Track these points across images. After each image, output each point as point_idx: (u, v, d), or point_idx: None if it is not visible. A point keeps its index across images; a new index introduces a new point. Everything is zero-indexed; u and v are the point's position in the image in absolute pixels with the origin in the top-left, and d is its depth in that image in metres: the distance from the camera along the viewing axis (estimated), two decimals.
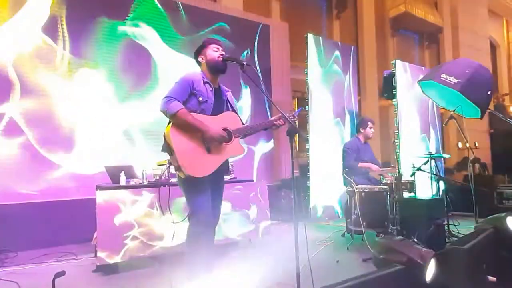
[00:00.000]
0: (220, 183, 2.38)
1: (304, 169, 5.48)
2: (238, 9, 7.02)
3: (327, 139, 5.28)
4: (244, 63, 2.19)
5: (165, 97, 2.12)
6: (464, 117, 4.33)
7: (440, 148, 6.12)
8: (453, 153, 14.04)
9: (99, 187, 3.00)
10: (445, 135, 14.09)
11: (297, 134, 2.20)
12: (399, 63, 5.23)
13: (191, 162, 2.07)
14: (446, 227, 3.59)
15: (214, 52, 2.29)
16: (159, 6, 5.01)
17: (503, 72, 18.73)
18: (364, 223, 3.37)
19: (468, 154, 13.84)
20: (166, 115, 2.12)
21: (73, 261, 3.28)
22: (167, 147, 2.12)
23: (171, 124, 2.11)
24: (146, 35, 4.82)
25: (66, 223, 3.84)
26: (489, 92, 3.93)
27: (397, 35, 12.15)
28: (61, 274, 1.87)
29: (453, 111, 3.81)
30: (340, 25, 10.21)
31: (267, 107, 6.35)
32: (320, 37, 5.78)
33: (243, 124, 2.37)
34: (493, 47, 18.35)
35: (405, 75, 5.29)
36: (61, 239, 3.81)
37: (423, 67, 6.29)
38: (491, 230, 2.27)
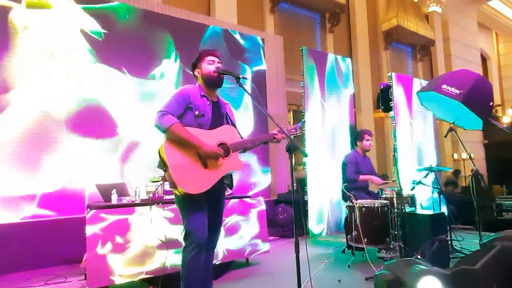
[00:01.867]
0: (219, 200, 2.27)
1: (301, 183, 5.38)
2: (232, 23, 7.04)
3: (323, 152, 5.19)
4: (240, 76, 2.12)
5: (159, 111, 2.03)
6: (465, 129, 4.28)
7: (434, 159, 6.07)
8: (449, 164, 14.08)
9: (89, 206, 2.87)
10: (440, 146, 14.14)
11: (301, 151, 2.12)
12: (394, 76, 5.20)
13: (186, 178, 1.96)
14: (449, 243, 3.49)
15: (209, 66, 2.21)
16: None
17: (494, 84, 19.01)
18: (365, 240, 3.26)
19: (464, 166, 13.82)
20: (159, 130, 2.02)
21: (62, 284, 3.12)
22: (162, 163, 2.03)
23: (165, 139, 2.02)
24: None
25: (54, 243, 3.68)
26: (491, 103, 3.90)
27: (390, 48, 12.29)
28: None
29: (452, 123, 3.75)
30: (333, 39, 10.29)
31: (268, 119, 6.30)
32: (315, 50, 5.78)
33: (241, 138, 2.29)
34: (484, 59, 18.67)
35: (398, 88, 5.26)
36: (48, 260, 3.64)
37: (420, 79, 6.29)
38: (499, 248, 2.17)
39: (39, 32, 4.06)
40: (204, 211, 2.08)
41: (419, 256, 2.87)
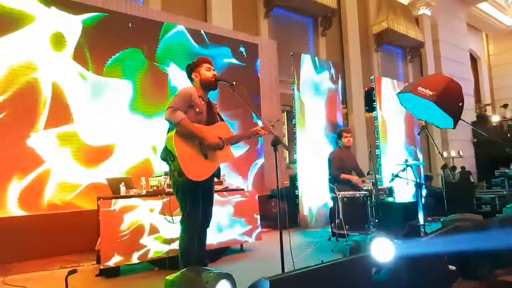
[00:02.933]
0: (211, 186, 2.63)
1: (294, 179, 5.76)
2: (228, 28, 7.42)
3: (313, 149, 5.58)
4: (234, 83, 2.51)
5: (169, 107, 2.34)
6: (439, 128, 4.68)
7: (421, 156, 6.47)
8: (439, 162, 14.51)
9: (101, 198, 3.25)
10: (430, 144, 14.59)
11: (283, 145, 2.52)
12: (383, 79, 5.60)
13: (192, 168, 2.30)
14: (422, 228, 3.89)
15: (207, 72, 2.58)
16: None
17: (485, 84, 19.50)
18: (347, 227, 3.66)
19: (453, 163, 14.20)
20: (170, 123, 2.34)
21: (77, 268, 3.48)
22: (169, 154, 2.33)
23: (174, 132, 2.31)
24: None
25: (67, 234, 4.04)
26: (460, 104, 4.30)
27: (380, 50, 12.71)
28: (73, 271, 2.11)
29: (425, 121, 4.15)
30: (326, 42, 10.69)
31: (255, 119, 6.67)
32: (305, 55, 6.16)
33: (233, 133, 2.68)
34: (474, 60, 19.15)
35: (387, 90, 5.66)
36: (62, 249, 4.01)
37: (401, 82, 6.69)
38: (453, 226, 2.58)
39: None
40: (199, 199, 2.44)
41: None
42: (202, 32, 6.25)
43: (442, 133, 14.72)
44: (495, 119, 16.66)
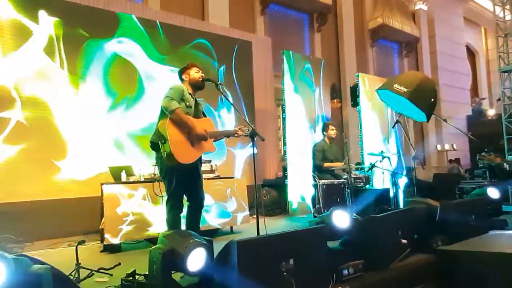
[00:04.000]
0: (198, 173, 2.98)
1: (283, 170, 6.14)
2: (224, 26, 7.75)
3: (300, 142, 5.94)
4: (218, 83, 2.90)
5: (166, 96, 2.71)
6: (416, 121, 5.02)
7: (401, 148, 6.80)
8: (433, 154, 14.85)
9: (104, 183, 3.66)
10: (425, 138, 14.92)
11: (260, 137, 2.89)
12: (368, 76, 5.91)
13: (180, 151, 2.65)
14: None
15: (196, 74, 2.97)
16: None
17: (483, 78, 19.67)
18: (325, 211, 4.05)
19: (446, 156, 14.45)
20: (166, 111, 2.68)
21: (83, 246, 3.91)
22: (160, 137, 2.65)
23: (168, 118, 2.66)
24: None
25: (72, 218, 4.46)
26: (432, 100, 4.64)
27: (376, 45, 12.97)
28: (82, 242, 2.52)
29: (399, 115, 4.50)
30: (321, 38, 10.98)
31: (246, 115, 7.04)
32: (296, 53, 6.49)
33: (215, 129, 3.06)
34: (472, 54, 19.33)
35: (364, 86, 6.00)
36: (67, 231, 4.42)
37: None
38: (409, 207, 2.97)
39: None
40: (183, 182, 2.78)
41: None
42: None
43: (437, 126, 15.03)
44: (491, 112, 16.90)
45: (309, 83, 6.32)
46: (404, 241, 2.72)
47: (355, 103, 5.55)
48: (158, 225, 3.71)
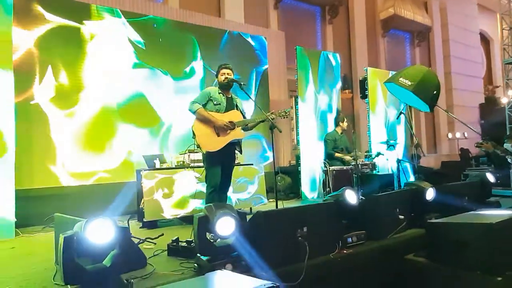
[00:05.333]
0: (231, 161, 3.54)
1: (297, 158, 6.61)
2: (240, 22, 8.17)
3: (313, 132, 6.37)
4: (241, 83, 3.39)
5: (191, 101, 3.41)
6: (420, 111, 5.33)
7: (410, 138, 7.15)
8: (444, 143, 15.04)
9: (141, 170, 4.22)
10: (436, 126, 15.11)
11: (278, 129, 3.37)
12: (376, 70, 6.24)
13: (205, 142, 3.28)
14: None
15: (221, 76, 3.51)
16: None
17: (497, 66, 19.49)
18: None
19: (457, 144, 14.63)
20: (191, 112, 3.36)
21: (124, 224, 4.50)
22: (192, 133, 3.33)
23: (195, 118, 3.34)
24: None
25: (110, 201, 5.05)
26: (435, 92, 4.97)
27: (387, 35, 13.14)
28: (133, 217, 3.07)
29: (403, 107, 4.89)
30: (333, 29, 11.27)
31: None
32: (309, 49, 6.87)
33: (244, 118, 3.55)
34: (487, 42, 19.17)
35: (374, 80, 6.36)
36: (111, 212, 5.03)
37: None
38: (406, 189, 3.42)
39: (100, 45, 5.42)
40: (218, 165, 3.36)
41: None
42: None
43: (449, 115, 15.18)
44: (504, 100, 16.88)
45: (321, 76, 6.70)
46: (401, 217, 3.19)
47: (364, 95, 5.94)
48: (188, 204, 4.26)
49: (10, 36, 4.11)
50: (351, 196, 2.97)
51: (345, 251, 2.70)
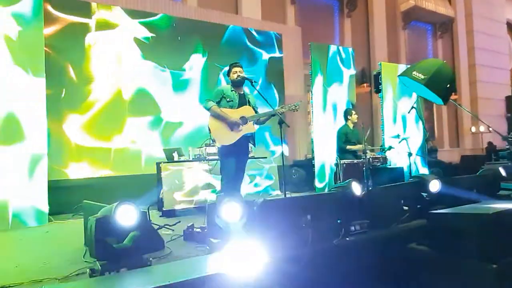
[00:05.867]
0: (245, 154, 3.74)
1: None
2: (257, 19, 8.33)
3: (325, 126, 6.49)
4: (253, 81, 3.58)
5: (205, 99, 3.67)
6: (435, 103, 5.23)
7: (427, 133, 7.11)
8: (467, 137, 14.68)
9: (161, 162, 4.52)
10: (459, 120, 14.75)
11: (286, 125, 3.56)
12: (390, 64, 6.27)
13: (219, 136, 3.52)
14: None
15: (234, 75, 3.71)
16: None
17: None
18: None
19: (482, 138, 14.25)
20: (205, 109, 3.59)
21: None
22: (208, 129, 3.57)
23: (209, 115, 3.58)
24: None
25: (133, 191, 5.40)
26: (448, 86, 4.95)
27: (408, 27, 12.89)
28: (153, 203, 3.35)
29: (414, 104, 4.93)
30: (351, 23, 11.22)
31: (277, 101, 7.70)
32: (323, 44, 6.96)
33: (256, 113, 3.76)
34: None
35: (387, 74, 6.38)
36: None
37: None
38: (411, 181, 3.54)
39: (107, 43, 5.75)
40: (232, 158, 3.57)
41: None
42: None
43: (473, 108, 14.78)
44: None
45: (336, 72, 6.79)
46: (405, 208, 3.32)
47: (378, 90, 6.00)
48: (203, 195, 4.53)
49: (42, 43, 4.46)
50: (356, 188, 3.12)
51: (347, 239, 2.86)
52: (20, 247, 3.35)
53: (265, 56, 7.62)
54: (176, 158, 4.62)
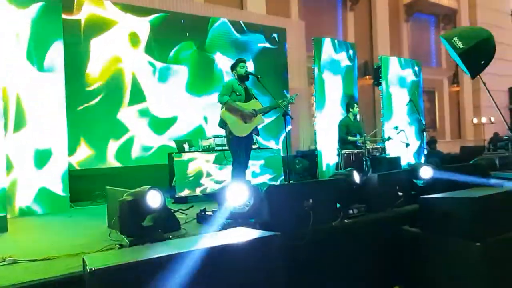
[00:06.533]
0: (251, 142, 4.09)
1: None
2: (261, 13, 8.55)
3: (330, 118, 6.73)
4: (258, 76, 3.86)
5: (219, 94, 3.93)
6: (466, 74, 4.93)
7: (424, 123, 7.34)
8: (469, 128, 14.85)
9: (172, 153, 4.84)
10: (461, 111, 14.91)
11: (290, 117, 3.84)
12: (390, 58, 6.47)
13: (236, 128, 3.83)
14: None
15: (241, 69, 3.98)
16: None
17: None
18: None
19: (483, 130, 14.51)
20: (221, 103, 3.88)
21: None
22: (223, 122, 3.86)
23: (224, 108, 3.86)
24: None
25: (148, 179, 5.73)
26: (482, 62, 4.89)
27: (411, 19, 13.01)
28: (165, 194, 3.67)
29: (411, 97, 5.16)
30: (354, 16, 11.38)
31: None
32: (325, 39, 7.15)
33: (262, 106, 4.05)
34: None
35: (386, 68, 6.60)
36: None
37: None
38: (407, 169, 3.81)
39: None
40: (243, 147, 3.90)
41: None
42: (241, 22, 7.44)
43: (475, 100, 14.92)
44: None
45: (338, 66, 7.00)
46: (400, 193, 3.60)
47: (378, 83, 6.23)
48: (215, 184, 4.85)
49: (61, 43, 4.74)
50: (356, 176, 3.41)
51: (346, 221, 3.16)
52: (48, 230, 3.69)
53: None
54: (186, 149, 4.93)
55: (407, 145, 5.18)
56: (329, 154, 6.50)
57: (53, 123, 4.57)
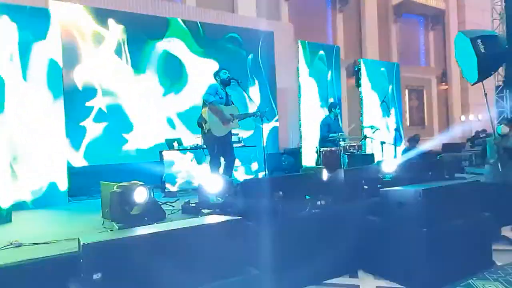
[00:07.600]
0: (231, 145, 4.46)
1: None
2: (252, 16, 8.90)
3: (311, 118, 7.13)
4: (240, 81, 4.24)
5: (206, 92, 4.21)
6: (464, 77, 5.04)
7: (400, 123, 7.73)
8: (457, 125, 15.22)
9: (162, 151, 5.23)
10: (449, 109, 15.31)
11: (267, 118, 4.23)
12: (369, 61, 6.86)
13: (215, 128, 4.16)
14: None
15: (224, 75, 4.35)
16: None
17: None
18: None
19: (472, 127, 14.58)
20: (205, 102, 4.17)
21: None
22: (203, 119, 4.17)
23: (207, 107, 4.14)
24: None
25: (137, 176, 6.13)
26: (492, 72, 5.12)
27: (400, 20, 13.37)
28: (157, 186, 4.05)
29: (384, 98, 5.55)
30: (343, 18, 11.73)
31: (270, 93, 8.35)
32: (307, 42, 7.52)
33: (239, 112, 4.43)
34: None
35: (365, 70, 6.99)
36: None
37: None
38: (370, 166, 4.21)
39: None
40: (219, 146, 4.24)
41: None
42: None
43: (463, 97, 15.31)
44: None
45: (322, 67, 7.39)
46: (366, 187, 4.00)
47: (358, 84, 6.62)
48: (198, 178, 5.24)
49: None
50: (324, 173, 3.81)
51: (313, 211, 3.55)
52: (48, 221, 4.08)
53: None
54: (176, 147, 5.32)
55: (382, 142, 5.56)
56: (312, 152, 6.90)
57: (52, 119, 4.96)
